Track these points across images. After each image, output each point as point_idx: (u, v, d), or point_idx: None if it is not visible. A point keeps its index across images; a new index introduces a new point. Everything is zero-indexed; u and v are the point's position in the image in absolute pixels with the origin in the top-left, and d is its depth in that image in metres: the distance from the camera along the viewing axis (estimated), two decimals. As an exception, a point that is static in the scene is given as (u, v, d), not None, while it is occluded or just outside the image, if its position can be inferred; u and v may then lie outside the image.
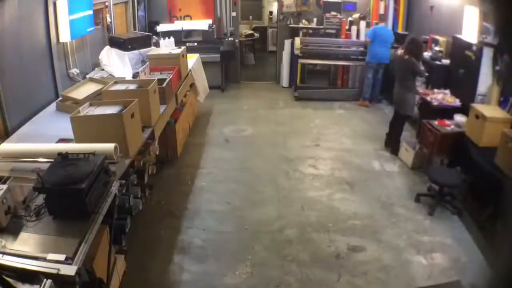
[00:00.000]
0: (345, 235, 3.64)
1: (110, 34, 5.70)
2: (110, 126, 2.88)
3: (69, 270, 1.83)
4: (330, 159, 5.08)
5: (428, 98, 4.97)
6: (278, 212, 3.99)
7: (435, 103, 4.86)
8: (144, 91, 3.54)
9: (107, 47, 5.40)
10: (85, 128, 2.91)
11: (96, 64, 5.25)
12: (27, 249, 1.98)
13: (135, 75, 4.88)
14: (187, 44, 6.78)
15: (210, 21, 7.46)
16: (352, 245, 3.50)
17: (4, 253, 1.89)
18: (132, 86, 3.69)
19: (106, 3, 5.55)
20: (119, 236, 3.15)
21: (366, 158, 5.08)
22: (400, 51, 4.92)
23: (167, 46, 6.00)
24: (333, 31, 7.51)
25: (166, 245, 3.50)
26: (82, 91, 4.01)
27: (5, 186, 2.16)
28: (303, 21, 7.70)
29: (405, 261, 3.32)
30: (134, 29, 6.76)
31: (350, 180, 4.57)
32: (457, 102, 4.83)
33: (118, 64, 5.10)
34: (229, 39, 7.66)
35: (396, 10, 7.20)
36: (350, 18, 7.36)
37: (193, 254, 3.42)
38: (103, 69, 5.16)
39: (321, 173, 4.77)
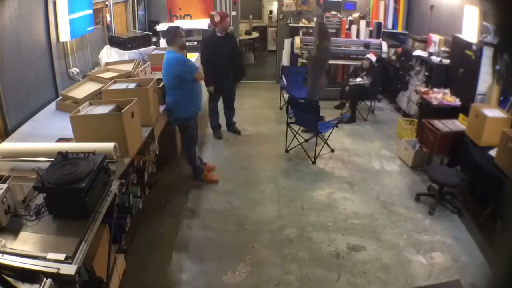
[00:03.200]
0: (345, 234, 3.65)
1: (110, 33, 5.70)
2: (109, 125, 2.88)
3: (69, 269, 1.83)
4: (330, 158, 5.08)
5: (428, 98, 4.97)
6: (278, 211, 4.00)
7: (434, 102, 4.86)
8: (143, 90, 3.54)
9: (107, 46, 5.39)
10: (84, 127, 2.90)
11: (96, 63, 5.24)
12: (27, 249, 1.97)
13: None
14: (187, 43, 6.76)
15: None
16: (352, 245, 3.51)
17: (4, 253, 1.88)
18: (132, 85, 3.69)
19: (106, 2, 5.54)
20: (119, 235, 3.16)
21: (366, 157, 5.08)
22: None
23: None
24: (333, 30, 7.50)
25: (166, 244, 3.51)
26: (82, 91, 4.00)
27: (5, 186, 2.16)
28: (303, 20, 7.69)
29: (405, 261, 3.32)
30: (134, 28, 6.75)
31: (350, 179, 4.57)
32: (457, 102, 4.83)
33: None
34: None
35: (396, 10, 7.19)
36: (350, 17, 7.35)
37: (193, 253, 3.42)
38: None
39: (321, 172, 4.78)
